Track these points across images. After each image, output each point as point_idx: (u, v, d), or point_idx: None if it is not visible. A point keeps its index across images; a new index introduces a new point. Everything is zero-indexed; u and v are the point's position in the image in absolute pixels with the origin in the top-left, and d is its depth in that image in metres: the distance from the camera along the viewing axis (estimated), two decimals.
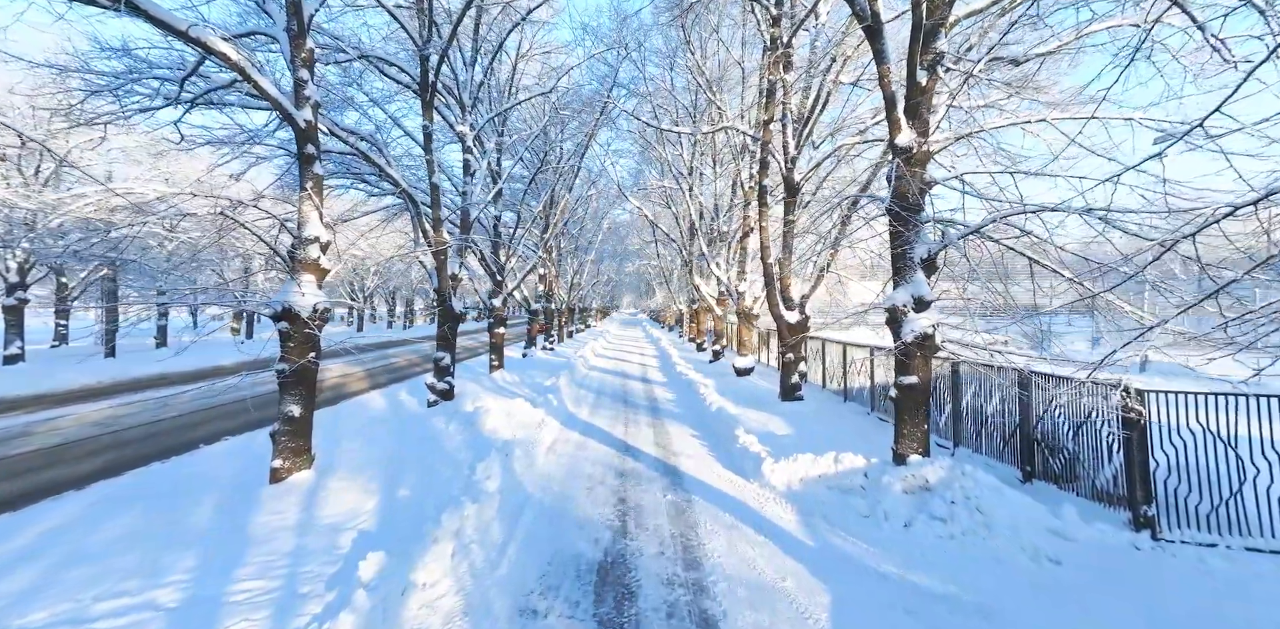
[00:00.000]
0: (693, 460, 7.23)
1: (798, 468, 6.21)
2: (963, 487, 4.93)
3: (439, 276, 9.58)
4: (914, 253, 5.68)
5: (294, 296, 5.30)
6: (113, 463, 6.71)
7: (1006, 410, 6.38)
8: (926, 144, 5.57)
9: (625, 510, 5.47)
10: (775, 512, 5.44)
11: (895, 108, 5.63)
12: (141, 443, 7.83)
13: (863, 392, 10.91)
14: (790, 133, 9.95)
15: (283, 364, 5.32)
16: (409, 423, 8.86)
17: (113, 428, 8.70)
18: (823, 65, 9.91)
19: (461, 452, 7.15)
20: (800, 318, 10.40)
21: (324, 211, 5.50)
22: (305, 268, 5.49)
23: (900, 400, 5.68)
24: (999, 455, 6.58)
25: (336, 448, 7.17)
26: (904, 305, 5.65)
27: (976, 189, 5.25)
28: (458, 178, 11.76)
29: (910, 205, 5.53)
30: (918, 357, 5.58)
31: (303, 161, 5.42)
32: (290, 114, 5.20)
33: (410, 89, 9.03)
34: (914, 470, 5.35)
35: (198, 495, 5.17)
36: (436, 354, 10.18)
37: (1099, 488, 4.93)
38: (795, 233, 10.39)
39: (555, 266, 23.82)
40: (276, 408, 5.39)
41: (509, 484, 5.97)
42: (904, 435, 5.64)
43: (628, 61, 13.91)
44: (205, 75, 5.70)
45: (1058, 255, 4.53)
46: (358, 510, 5.02)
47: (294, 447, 5.35)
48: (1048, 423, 5.68)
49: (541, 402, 10.20)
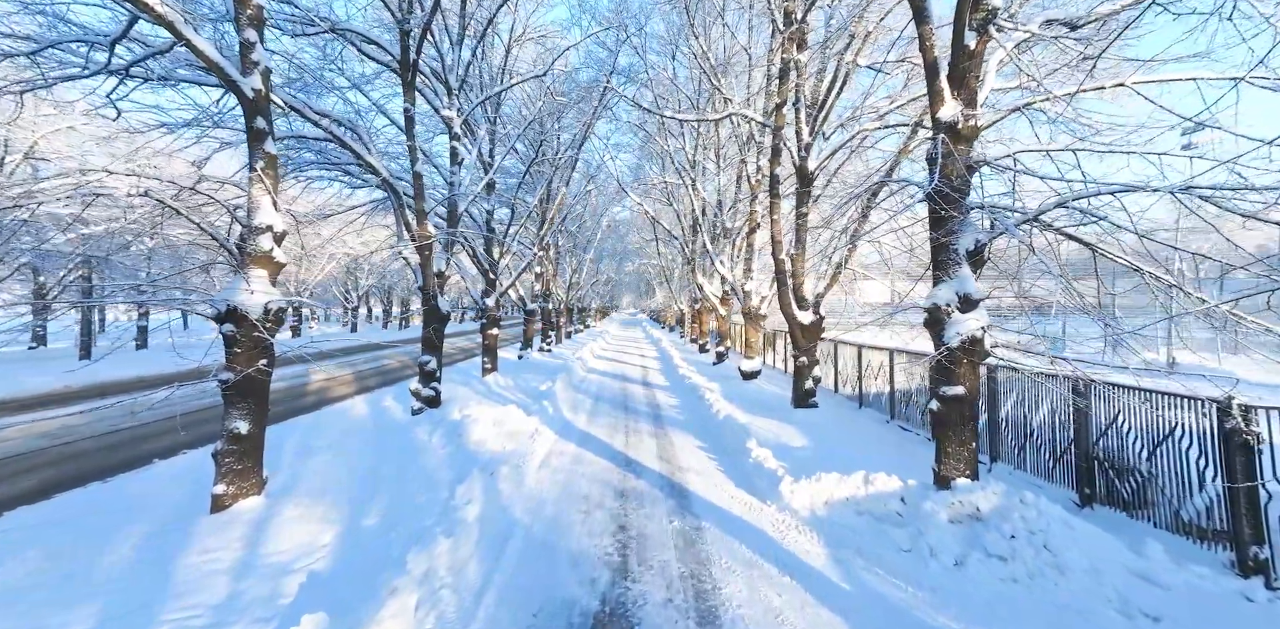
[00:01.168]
0: (701, 477, 6.48)
1: (821, 489, 5.46)
2: (1023, 518, 4.18)
3: (424, 274, 8.83)
4: (959, 244, 4.93)
5: (240, 295, 4.54)
6: (47, 483, 5.95)
7: (1057, 423, 5.64)
8: (974, 118, 4.82)
9: (626, 541, 4.72)
10: (799, 543, 4.70)
11: (938, 76, 4.87)
12: (88, 458, 7.07)
13: (880, 397, 10.19)
14: (804, 118, 9.20)
15: (227, 373, 4.57)
16: (389, 433, 8.11)
17: (63, 439, 7.94)
18: (839, 45, 9.15)
19: (443, 469, 6.40)
20: (815, 318, 9.65)
21: (278, 198, 4.75)
22: (256, 262, 4.74)
23: (942, 414, 4.93)
24: (1046, 474, 5.84)
25: (303, 464, 6.42)
26: (947, 305, 4.90)
27: (1031, 170, 4.50)
28: (447, 168, 10.99)
29: (955, 189, 4.79)
30: (964, 363, 4.83)
31: (252, 138, 4.66)
32: (235, 81, 4.45)
33: (389, 68, 8.27)
34: (961, 496, 4.61)
35: (124, 528, 4.41)
36: (422, 358, 9.43)
37: (1186, 520, 4.19)
38: (809, 227, 9.64)
39: (553, 265, 23.08)
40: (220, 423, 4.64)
41: (493, 509, 5.22)
42: (948, 455, 4.89)
43: (628, 48, 13.17)
44: (141, 40, 4.95)
45: (1143, 248, 3.78)
46: (312, 545, 4.27)
47: (240, 469, 4.59)
48: (1113, 439, 4.93)
49: (536, 409, 9.45)
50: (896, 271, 9.34)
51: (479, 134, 11.25)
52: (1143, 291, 4.51)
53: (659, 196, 22.79)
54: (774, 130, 9.28)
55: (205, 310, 4.49)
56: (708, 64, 12.34)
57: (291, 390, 13.05)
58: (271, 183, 4.77)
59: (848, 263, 9.27)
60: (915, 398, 8.77)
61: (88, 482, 5.94)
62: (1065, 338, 4.24)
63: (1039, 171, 4.58)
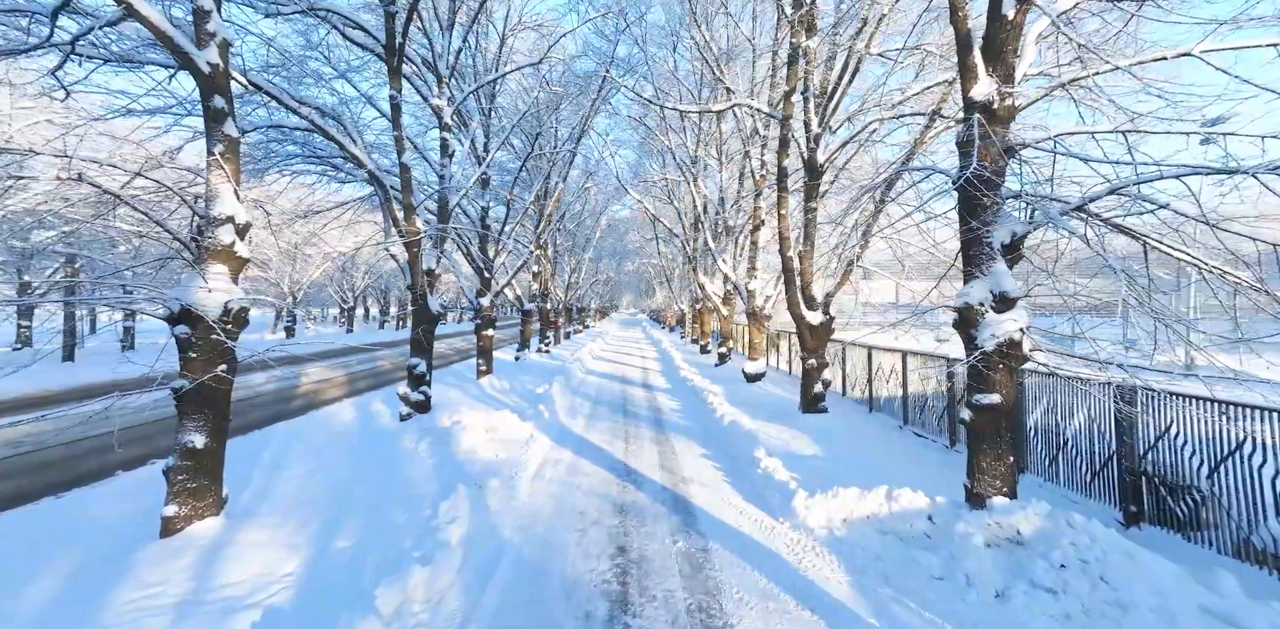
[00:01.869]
0: (706, 490, 6.01)
1: (839, 505, 4.99)
2: (1074, 544, 3.71)
3: (412, 271, 8.36)
4: (993, 237, 4.47)
5: (196, 293, 4.07)
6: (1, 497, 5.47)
7: (1096, 432, 5.17)
8: (1012, 97, 4.35)
9: (626, 566, 4.26)
10: (818, 569, 4.22)
11: (970, 50, 4.40)
12: (49, 469, 6.60)
13: (892, 402, 9.72)
14: (813, 108, 8.72)
15: (181, 380, 4.09)
16: (373, 442, 7.63)
17: (25, 448, 7.46)
18: (850, 30, 8.68)
19: (428, 481, 5.93)
20: (824, 319, 9.17)
21: (240, 188, 4.28)
22: (215, 256, 4.26)
23: (976, 425, 4.46)
24: (1082, 488, 5.37)
25: (275, 478, 5.94)
26: (980, 303, 4.44)
27: (1081, 154, 4.02)
28: (438, 161, 10.52)
29: (990, 176, 4.32)
30: (1000, 369, 4.36)
31: (209, 118, 4.19)
32: (188, 54, 3.98)
33: (374, 53, 7.80)
34: (999, 517, 4.14)
35: (60, 555, 3.93)
36: (411, 360, 8.96)
37: (1258, 548, 3.71)
38: (818, 222, 9.17)
39: (551, 264, 22.62)
40: (174, 436, 4.16)
41: (479, 529, 4.75)
42: (982, 470, 4.42)
43: (627, 38, 12.70)
44: (89, 13, 4.48)
45: (1194, 240, 3.31)
46: (272, 575, 3.79)
47: (195, 488, 4.11)
48: (1164, 453, 4.46)
49: (531, 413, 8.98)
50: (911, 269, 8.86)
51: (472, 126, 10.77)
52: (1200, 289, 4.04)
53: (659, 194, 22.32)
54: (782, 120, 8.80)
55: (154, 310, 4.01)
56: (710, 54, 11.87)
57: (278, 393, 12.58)
58: (233, 169, 4.30)
59: (859, 260, 8.79)
60: (931, 403, 8.31)
61: (40, 497, 5.46)
62: (1124, 341, 3.76)
63: (1082, 158, 4.09)
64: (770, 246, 16.67)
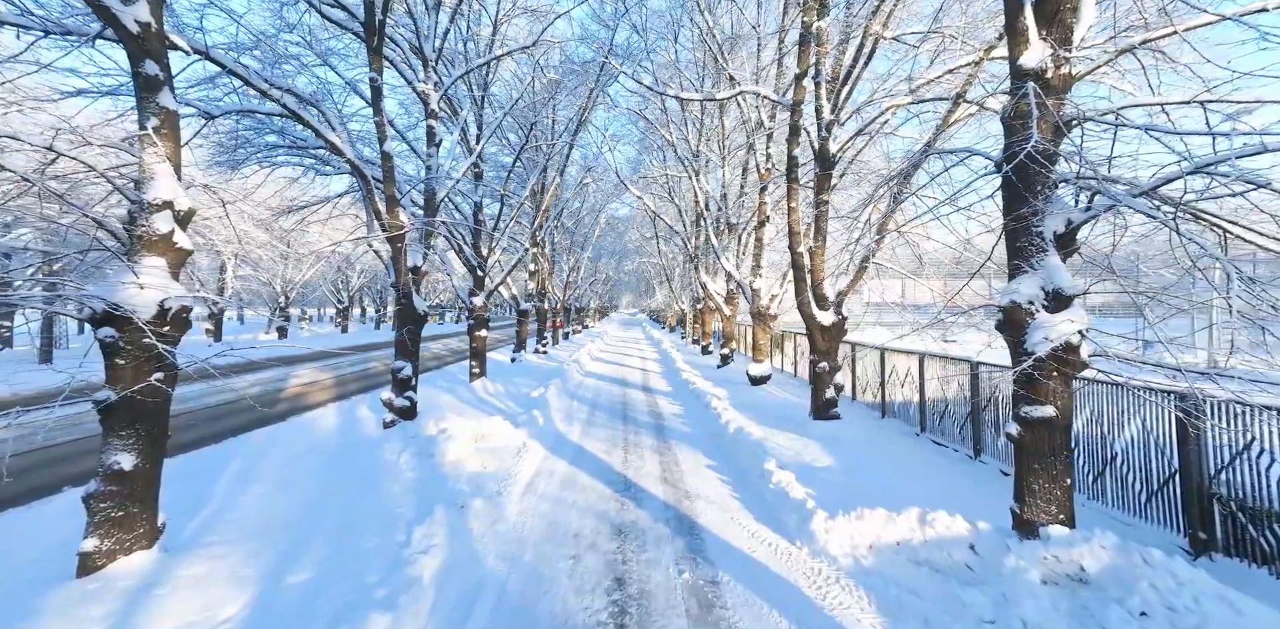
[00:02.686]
0: (713, 507, 5.45)
1: (864, 529, 4.42)
2: (1154, 587, 3.14)
3: (395, 268, 7.78)
4: (1044, 226, 3.90)
5: (125, 290, 3.49)
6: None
7: (1154, 447, 4.60)
8: (1069, 64, 3.77)
9: (624, 603, 3.69)
10: (846, 607, 3.65)
11: (1020, 11, 3.83)
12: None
13: (907, 407, 9.15)
14: (825, 94, 8.15)
15: (106, 391, 3.52)
16: (351, 452, 7.06)
17: None
18: (865, 9, 8.11)
19: (406, 500, 5.35)
20: (836, 319, 8.60)
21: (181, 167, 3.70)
22: (150, 248, 3.68)
23: (1026, 441, 3.88)
24: (1135, 510, 4.80)
25: (237, 496, 5.37)
26: (1030, 302, 3.87)
27: (1156, 127, 3.45)
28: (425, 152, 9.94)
29: (1043, 154, 3.74)
30: (1055, 376, 3.78)
31: (140, 87, 3.62)
32: (109, 9, 3.40)
33: (352, 32, 7.23)
34: (1057, 550, 3.57)
35: None
36: (395, 363, 8.38)
37: None
38: (829, 216, 8.60)
39: (550, 263, 22.05)
40: (97, 457, 3.58)
41: (458, 557, 4.18)
42: (1033, 493, 3.84)
43: (627, 25, 12.12)
44: None
45: None
46: (208, 622, 3.21)
47: (121, 517, 3.52)
48: (1243, 473, 3.89)
49: (524, 419, 8.41)
50: (929, 266, 8.29)
51: (463, 114, 10.19)
52: None
53: (659, 191, 21.74)
54: (792, 106, 8.23)
55: (75, 312, 3.45)
56: (714, 42, 11.29)
57: (261, 398, 12.00)
58: (171, 148, 3.73)
59: (875, 256, 8.22)
60: (952, 409, 7.73)
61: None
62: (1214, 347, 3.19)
63: (1164, 130, 3.51)
64: (775, 243, 16.12)
